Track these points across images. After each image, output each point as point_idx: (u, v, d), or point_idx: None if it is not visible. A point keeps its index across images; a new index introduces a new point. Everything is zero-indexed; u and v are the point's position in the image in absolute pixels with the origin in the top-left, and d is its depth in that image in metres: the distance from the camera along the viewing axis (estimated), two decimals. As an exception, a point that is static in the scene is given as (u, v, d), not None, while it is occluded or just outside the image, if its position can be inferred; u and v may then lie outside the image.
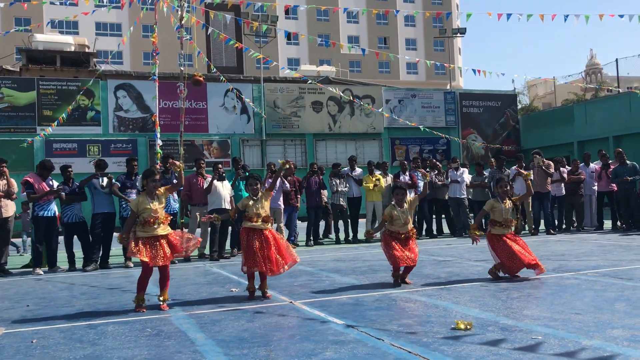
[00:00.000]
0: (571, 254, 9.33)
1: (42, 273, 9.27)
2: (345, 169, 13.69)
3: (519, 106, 35.93)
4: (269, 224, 6.42)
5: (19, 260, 11.75)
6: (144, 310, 5.80)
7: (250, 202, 6.40)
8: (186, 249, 6.20)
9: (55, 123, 15.96)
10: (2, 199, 9.45)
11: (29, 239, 12.20)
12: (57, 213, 9.67)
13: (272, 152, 25.51)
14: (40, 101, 22.88)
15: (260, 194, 6.48)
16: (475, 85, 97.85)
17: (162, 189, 6.16)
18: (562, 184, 13.76)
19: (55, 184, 9.64)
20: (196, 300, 6.36)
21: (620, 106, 24.31)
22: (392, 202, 7.17)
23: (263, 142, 25.58)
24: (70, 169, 9.93)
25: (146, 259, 5.79)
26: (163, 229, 5.97)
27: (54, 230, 9.55)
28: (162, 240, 5.93)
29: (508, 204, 7.19)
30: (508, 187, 7.27)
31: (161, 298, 5.98)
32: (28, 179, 9.41)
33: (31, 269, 9.61)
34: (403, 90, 29.11)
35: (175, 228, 10.43)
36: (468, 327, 4.49)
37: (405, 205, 7.07)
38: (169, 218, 6.13)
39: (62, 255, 9.92)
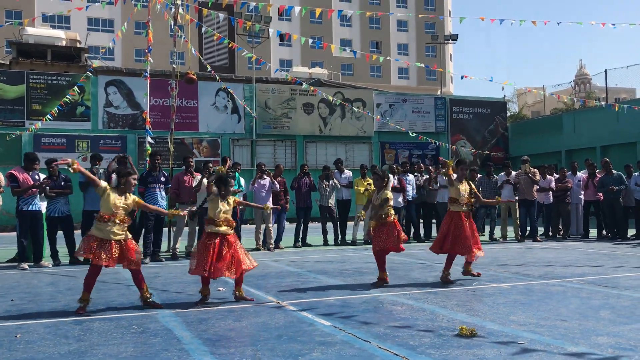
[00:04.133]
0: (557, 261, 9.40)
1: (28, 267, 9.19)
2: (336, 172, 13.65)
3: (508, 114, 36.16)
4: (231, 229, 6.11)
5: (4, 254, 11.63)
6: (82, 312, 5.54)
7: (226, 207, 6.10)
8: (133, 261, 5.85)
9: (47, 117, 15.84)
10: None
11: None
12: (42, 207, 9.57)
13: (262, 153, 25.47)
14: (29, 95, 22.68)
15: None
16: (465, 91, 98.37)
17: (136, 199, 5.94)
18: (550, 192, 13.88)
19: (42, 176, 9.55)
20: (183, 299, 6.34)
21: (608, 117, 24.56)
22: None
23: (253, 142, 25.53)
24: (54, 164, 9.86)
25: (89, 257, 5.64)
26: (119, 229, 5.71)
27: (39, 224, 9.47)
28: (113, 242, 5.67)
29: (465, 186, 7.43)
30: (467, 172, 7.55)
31: (147, 294, 5.86)
32: (13, 172, 9.33)
33: (16, 264, 9.52)
34: (394, 94, 29.22)
35: (163, 226, 10.47)
36: (473, 332, 4.47)
37: (380, 193, 7.17)
38: (128, 220, 5.82)
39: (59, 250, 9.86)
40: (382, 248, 7.10)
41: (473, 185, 7.68)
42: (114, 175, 5.98)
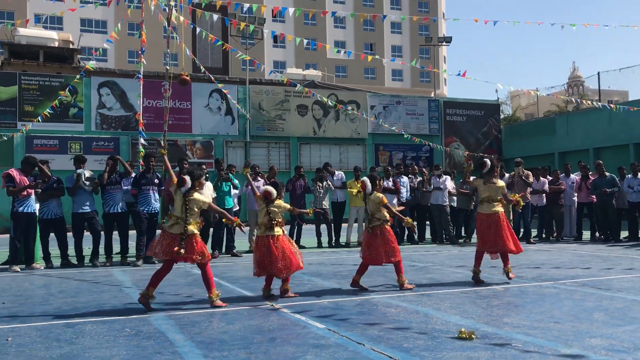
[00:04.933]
0: (550, 263, 9.42)
1: (19, 270, 9.12)
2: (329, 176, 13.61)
3: (502, 116, 36.27)
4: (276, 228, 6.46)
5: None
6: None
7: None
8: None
9: (39, 119, 15.76)
10: None
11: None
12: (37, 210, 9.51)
13: (256, 155, 25.42)
14: (22, 96, 22.55)
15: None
16: (459, 94, 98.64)
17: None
18: (543, 194, 13.92)
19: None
20: (176, 301, 6.31)
21: (601, 119, 24.68)
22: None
23: (247, 144, 25.48)
24: (46, 165, 9.81)
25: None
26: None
27: (32, 226, 9.41)
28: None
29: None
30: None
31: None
32: (10, 172, 9.27)
33: (7, 266, 9.45)
34: (388, 96, 29.23)
35: (155, 228, 10.42)
36: (472, 336, 4.45)
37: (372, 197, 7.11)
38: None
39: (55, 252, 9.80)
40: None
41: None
42: (187, 178, 6.11)
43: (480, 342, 4.35)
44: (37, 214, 9.59)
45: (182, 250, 5.78)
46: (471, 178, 8.39)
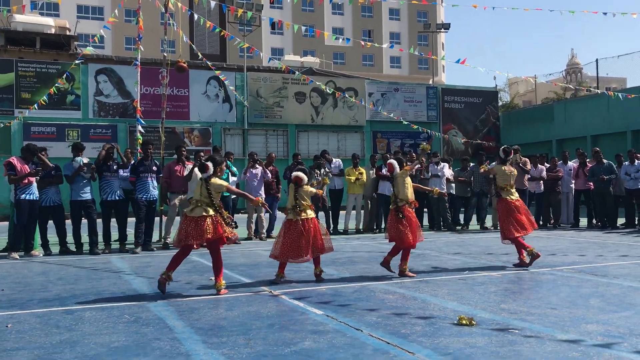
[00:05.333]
0: (547, 250, 9.46)
1: (19, 257, 9.14)
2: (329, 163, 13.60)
3: (500, 103, 36.23)
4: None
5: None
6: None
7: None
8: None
9: (35, 106, 15.70)
10: None
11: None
12: (38, 196, 9.48)
13: (254, 142, 25.38)
14: (18, 83, 22.45)
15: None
16: (457, 81, 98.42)
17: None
18: (541, 181, 13.95)
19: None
20: (175, 288, 6.32)
21: (599, 106, 24.66)
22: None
23: (245, 131, 25.43)
24: (44, 152, 9.80)
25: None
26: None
27: (34, 214, 9.41)
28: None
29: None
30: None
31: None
32: (11, 160, 9.27)
33: (6, 253, 9.47)
34: (386, 83, 29.17)
35: (154, 215, 10.44)
36: (472, 322, 4.49)
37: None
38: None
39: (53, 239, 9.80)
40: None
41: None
42: (210, 164, 6.10)
43: (478, 328, 4.39)
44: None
45: (230, 229, 5.99)
46: (489, 166, 8.58)
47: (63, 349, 3.94)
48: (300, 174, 6.80)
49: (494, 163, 8.25)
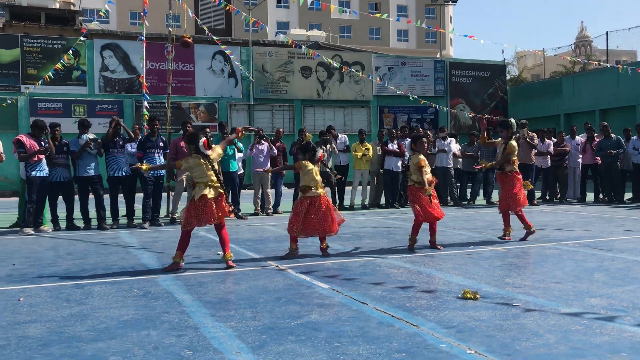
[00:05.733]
0: (553, 224, 9.48)
1: (32, 233, 9.23)
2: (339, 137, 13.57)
3: (508, 77, 35.90)
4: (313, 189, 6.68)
5: (5, 219, 11.68)
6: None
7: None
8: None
9: (40, 82, 15.73)
10: None
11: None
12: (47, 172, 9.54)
13: (259, 117, 25.34)
14: (24, 59, 22.42)
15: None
16: (465, 55, 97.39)
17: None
18: (548, 156, 13.91)
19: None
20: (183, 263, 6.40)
21: (608, 80, 24.40)
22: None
23: (251, 106, 25.37)
24: (58, 128, 9.85)
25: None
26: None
27: (45, 190, 9.49)
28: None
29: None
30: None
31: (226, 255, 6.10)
32: (20, 138, 9.32)
33: (18, 229, 9.58)
34: (393, 57, 28.93)
35: (161, 191, 10.51)
36: (477, 296, 4.53)
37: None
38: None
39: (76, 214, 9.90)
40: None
41: (506, 146, 7.81)
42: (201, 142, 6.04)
43: (482, 302, 4.43)
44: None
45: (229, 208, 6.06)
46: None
47: (74, 322, 4.01)
48: (320, 151, 6.95)
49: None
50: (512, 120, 8.17)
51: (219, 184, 5.99)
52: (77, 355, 3.32)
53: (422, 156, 7.13)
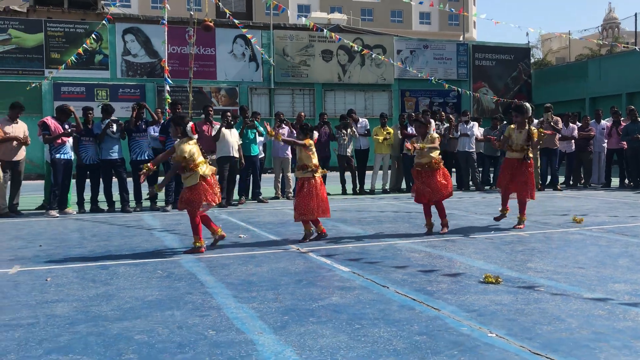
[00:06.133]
0: (577, 210, 9.37)
1: (57, 215, 9.40)
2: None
3: (532, 60, 35.34)
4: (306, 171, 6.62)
5: (31, 201, 11.90)
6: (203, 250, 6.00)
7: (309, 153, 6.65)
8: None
9: (63, 66, 15.91)
10: (14, 143, 9.56)
11: None
12: (72, 155, 9.70)
13: (280, 102, 25.35)
14: (48, 43, 22.68)
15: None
16: (488, 37, 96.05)
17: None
18: (572, 141, 13.71)
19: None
20: (205, 245, 6.47)
21: (636, 63, 23.87)
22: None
23: (271, 90, 25.39)
24: (90, 112, 10.00)
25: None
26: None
27: (68, 173, 9.65)
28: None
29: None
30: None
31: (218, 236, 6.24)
32: (45, 120, 9.48)
33: (43, 211, 9.77)
34: (415, 40, 28.65)
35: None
36: (499, 280, 4.50)
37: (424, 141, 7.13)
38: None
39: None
40: (429, 200, 7.13)
41: (529, 133, 7.48)
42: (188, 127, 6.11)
43: (504, 286, 4.42)
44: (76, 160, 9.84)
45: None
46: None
47: (100, 302, 4.10)
48: (316, 134, 6.98)
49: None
50: (527, 104, 7.80)
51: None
52: (103, 334, 3.39)
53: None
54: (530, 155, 7.53)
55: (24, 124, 9.97)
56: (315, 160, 6.66)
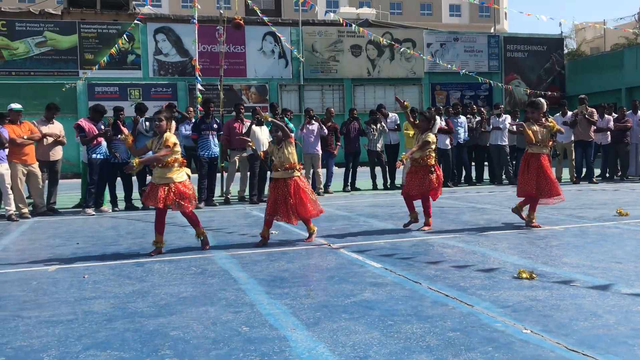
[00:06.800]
0: (614, 203, 9.16)
1: (94, 213, 9.60)
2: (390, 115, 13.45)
3: (566, 51, 34.61)
4: (295, 172, 6.27)
5: (68, 200, 12.17)
6: (152, 254, 5.81)
7: (275, 150, 6.34)
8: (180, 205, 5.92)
9: (96, 67, 16.22)
10: (50, 142, 9.81)
11: None
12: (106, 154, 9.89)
13: (310, 98, 25.38)
14: (82, 45, 23.13)
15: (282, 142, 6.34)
16: (520, 28, 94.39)
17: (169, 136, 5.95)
18: (608, 132, 13.40)
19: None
20: (238, 242, 6.54)
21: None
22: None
23: (301, 87, 25.43)
24: (122, 112, 10.17)
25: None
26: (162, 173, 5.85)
27: (104, 172, 9.84)
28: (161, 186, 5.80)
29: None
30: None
31: (200, 238, 6.11)
32: (79, 122, 9.69)
33: (80, 209, 9.99)
34: (445, 33, 28.34)
35: (215, 172, 10.72)
36: (533, 276, 4.44)
37: (424, 135, 7.04)
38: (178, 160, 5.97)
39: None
40: (414, 194, 7.05)
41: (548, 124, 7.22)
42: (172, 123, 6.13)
43: (538, 281, 4.35)
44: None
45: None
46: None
47: (136, 299, 4.18)
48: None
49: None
50: (542, 99, 7.47)
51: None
52: (139, 330, 3.46)
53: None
54: (545, 150, 7.17)
55: (59, 124, 10.24)
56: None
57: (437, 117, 7.64)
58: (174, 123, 6.19)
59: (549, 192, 6.93)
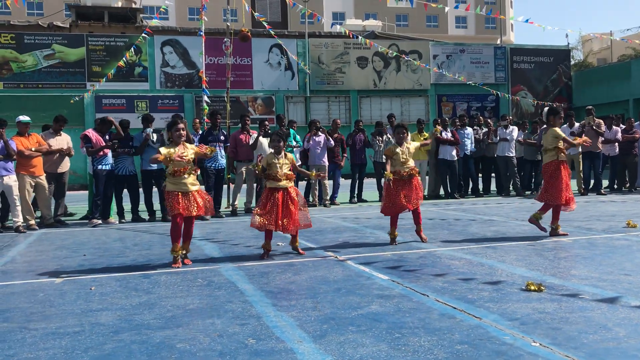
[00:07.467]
0: (622, 214, 9.10)
1: (100, 225, 9.61)
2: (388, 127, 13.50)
3: (572, 62, 34.59)
4: (291, 182, 6.35)
5: (74, 212, 12.21)
6: (179, 265, 5.82)
7: (274, 160, 6.32)
8: (206, 211, 6.21)
9: (104, 79, 16.34)
10: (57, 155, 9.87)
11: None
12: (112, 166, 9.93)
13: (316, 109, 25.43)
14: (89, 57, 23.31)
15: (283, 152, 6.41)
16: (526, 40, 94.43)
17: (193, 146, 6.13)
18: (616, 144, 13.35)
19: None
20: (244, 253, 6.53)
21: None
22: (393, 142, 7.23)
23: (307, 98, 25.49)
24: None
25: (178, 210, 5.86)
26: (192, 181, 5.99)
27: (110, 183, 9.87)
28: (193, 192, 5.99)
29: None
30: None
31: (184, 252, 6.00)
32: (87, 133, 9.73)
33: (87, 221, 10.01)
34: (451, 45, 28.39)
35: (222, 183, 10.73)
36: (542, 288, 4.40)
37: (406, 145, 7.04)
38: (196, 170, 6.14)
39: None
40: (400, 210, 7.01)
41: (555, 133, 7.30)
42: (164, 133, 6.23)
43: (547, 293, 4.32)
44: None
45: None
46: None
47: (142, 311, 4.17)
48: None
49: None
50: (546, 109, 7.71)
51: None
52: (146, 342, 3.45)
53: (398, 147, 6.97)
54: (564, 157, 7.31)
55: (67, 136, 10.30)
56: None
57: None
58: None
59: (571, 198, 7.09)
